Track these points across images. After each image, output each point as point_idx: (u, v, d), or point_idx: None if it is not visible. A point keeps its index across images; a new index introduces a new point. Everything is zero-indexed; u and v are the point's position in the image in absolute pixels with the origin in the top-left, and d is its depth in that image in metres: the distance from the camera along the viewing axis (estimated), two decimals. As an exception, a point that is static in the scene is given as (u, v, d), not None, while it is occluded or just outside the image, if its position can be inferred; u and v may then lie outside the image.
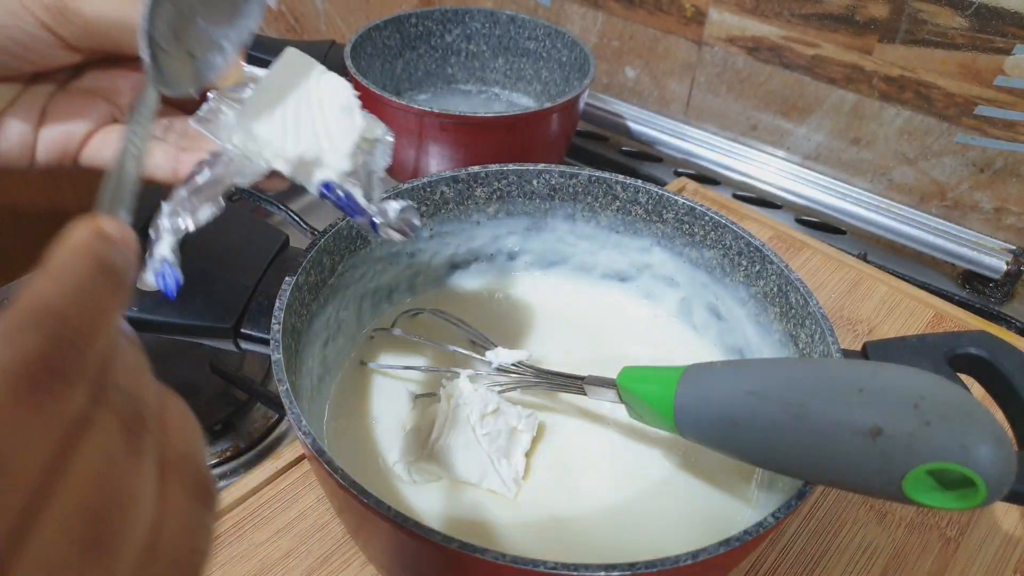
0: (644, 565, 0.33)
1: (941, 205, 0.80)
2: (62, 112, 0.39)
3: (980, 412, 0.32)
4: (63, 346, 0.19)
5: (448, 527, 0.44)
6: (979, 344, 0.41)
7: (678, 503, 0.46)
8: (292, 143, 0.38)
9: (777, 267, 0.49)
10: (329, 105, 0.39)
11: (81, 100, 0.40)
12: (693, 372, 0.41)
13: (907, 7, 0.72)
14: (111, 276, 0.21)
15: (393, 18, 0.84)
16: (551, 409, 0.51)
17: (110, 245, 0.22)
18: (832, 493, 0.54)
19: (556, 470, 0.48)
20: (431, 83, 0.91)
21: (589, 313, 0.58)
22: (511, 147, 0.73)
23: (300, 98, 0.39)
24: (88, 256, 0.21)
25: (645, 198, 0.55)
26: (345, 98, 0.40)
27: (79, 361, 0.19)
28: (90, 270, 0.20)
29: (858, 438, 0.33)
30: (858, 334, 0.66)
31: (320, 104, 0.39)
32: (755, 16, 0.82)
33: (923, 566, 0.50)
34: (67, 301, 0.19)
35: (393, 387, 0.52)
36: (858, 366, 0.36)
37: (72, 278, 0.20)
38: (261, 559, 0.47)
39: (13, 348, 0.18)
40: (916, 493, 0.33)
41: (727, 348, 0.55)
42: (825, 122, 0.83)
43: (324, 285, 0.49)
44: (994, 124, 0.73)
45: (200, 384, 0.61)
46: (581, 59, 0.81)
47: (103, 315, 0.20)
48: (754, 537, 0.35)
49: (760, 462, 0.41)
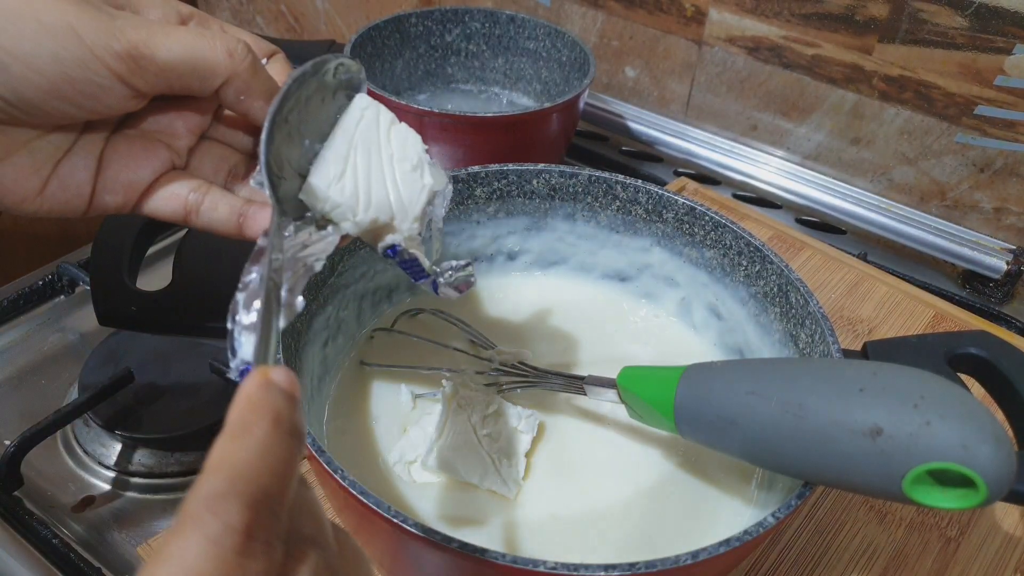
0: (644, 565, 0.33)
1: (941, 205, 0.80)
2: (123, 159, 0.37)
3: (980, 412, 0.32)
4: (262, 512, 0.21)
5: (448, 527, 0.44)
6: (979, 344, 0.41)
7: (678, 503, 0.46)
8: (363, 207, 0.37)
9: (777, 267, 0.49)
10: (400, 162, 0.38)
11: (141, 146, 0.37)
12: (693, 372, 0.41)
13: (907, 7, 0.72)
14: (290, 431, 0.23)
15: (393, 18, 0.84)
16: (551, 409, 0.51)
17: (283, 397, 0.24)
18: (832, 493, 0.54)
19: (556, 470, 0.48)
20: (431, 83, 0.91)
21: (589, 313, 0.58)
22: (511, 147, 0.73)
23: (371, 154, 0.38)
24: (267, 414, 0.23)
25: (645, 198, 0.55)
26: (416, 154, 0.39)
27: (276, 524, 0.21)
28: (271, 429, 0.23)
29: (858, 438, 0.33)
30: (858, 334, 0.66)
31: (391, 160, 0.38)
32: (755, 16, 0.82)
33: (923, 566, 0.50)
34: (258, 466, 0.22)
35: (393, 387, 0.52)
36: (858, 366, 0.36)
37: (257, 441, 0.22)
38: (261, 559, 0.47)
39: (218, 519, 0.20)
40: (916, 493, 0.33)
41: (727, 348, 0.55)
42: (825, 122, 0.83)
43: (324, 285, 0.49)
44: (994, 124, 0.73)
45: (200, 384, 0.61)
46: (581, 59, 0.81)
47: (289, 473, 0.23)
48: (754, 537, 0.35)
49: (760, 462, 0.41)
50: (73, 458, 0.59)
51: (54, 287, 0.71)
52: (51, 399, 0.62)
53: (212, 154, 0.40)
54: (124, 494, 0.57)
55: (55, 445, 0.59)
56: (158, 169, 0.38)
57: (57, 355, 0.67)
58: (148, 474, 0.57)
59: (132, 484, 0.57)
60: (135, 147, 0.37)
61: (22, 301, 0.70)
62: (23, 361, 0.66)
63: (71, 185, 0.36)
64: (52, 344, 0.68)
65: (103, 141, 0.36)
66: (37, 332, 0.69)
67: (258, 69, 0.35)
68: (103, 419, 0.58)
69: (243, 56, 0.34)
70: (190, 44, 0.33)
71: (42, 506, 0.55)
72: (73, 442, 0.59)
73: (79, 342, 0.68)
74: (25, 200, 0.35)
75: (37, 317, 0.70)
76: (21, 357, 0.66)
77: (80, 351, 0.66)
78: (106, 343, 0.64)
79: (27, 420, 0.57)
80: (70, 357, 0.66)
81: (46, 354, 0.67)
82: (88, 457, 0.58)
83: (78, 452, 0.59)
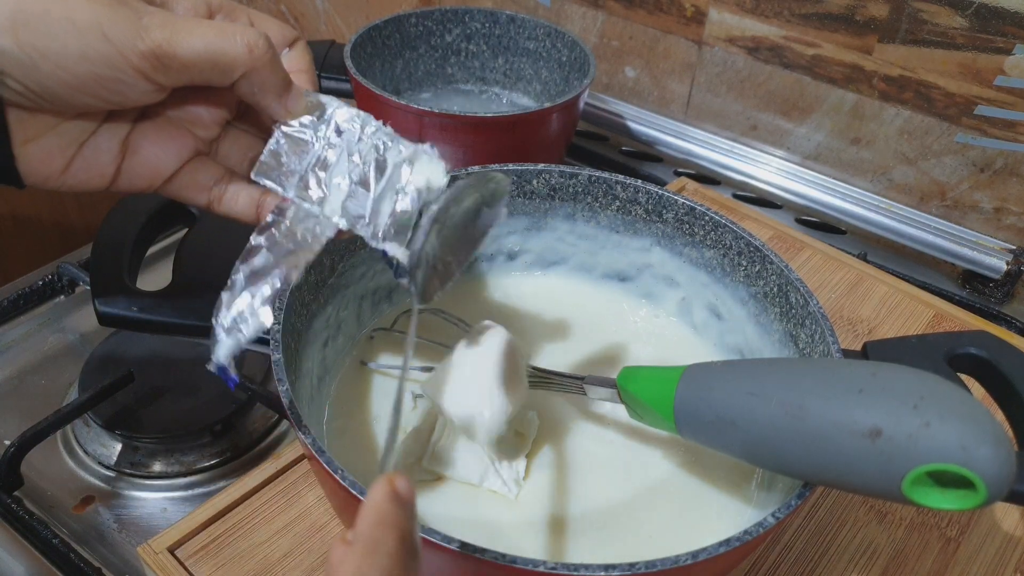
0: (644, 565, 0.33)
1: (941, 205, 0.80)
2: (149, 145, 0.38)
3: (980, 412, 0.32)
4: None
5: (448, 527, 0.44)
6: (979, 344, 0.41)
7: (678, 503, 0.46)
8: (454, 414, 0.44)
9: (777, 267, 0.49)
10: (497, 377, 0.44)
11: (167, 132, 0.39)
12: (693, 372, 0.41)
13: (907, 7, 0.72)
14: (411, 551, 0.26)
15: (393, 18, 0.84)
16: (551, 409, 0.51)
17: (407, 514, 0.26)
18: (832, 493, 0.54)
19: (556, 470, 0.48)
20: (431, 83, 0.91)
21: (589, 313, 0.58)
22: (511, 147, 0.73)
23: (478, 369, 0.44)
24: (395, 531, 0.26)
25: (645, 198, 0.55)
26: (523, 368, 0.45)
27: None
28: (398, 546, 0.26)
29: (858, 439, 0.33)
30: (858, 334, 0.66)
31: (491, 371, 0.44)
32: (755, 16, 0.82)
33: (923, 566, 0.50)
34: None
35: (393, 387, 0.52)
36: (858, 366, 0.36)
37: (387, 558, 0.25)
38: (261, 559, 0.47)
39: None
40: (916, 494, 0.33)
41: (727, 348, 0.55)
42: (825, 122, 0.83)
43: (324, 285, 0.49)
44: (994, 124, 0.73)
45: (200, 384, 0.61)
46: (581, 59, 0.81)
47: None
48: (754, 537, 0.35)
49: (760, 462, 0.41)
50: (73, 458, 0.59)
51: (54, 287, 0.71)
52: (51, 399, 0.62)
53: (239, 143, 0.41)
54: (124, 494, 0.57)
55: (55, 445, 0.59)
56: (184, 156, 0.39)
57: (57, 355, 0.67)
58: (148, 474, 0.57)
59: (132, 484, 0.57)
60: (162, 133, 0.38)
61: (22, 301, 0.70)
62: (23, 361, 0.66)
63: (95, 166, 0.37)
64: (52, 344, 0.68)
65: (129, 126, 0.38)
66: (37, 332, 0.69)
67: (276, 66, 0.36)
68: (103, 419, 0.58)
69: (263, 52, 0.35)
70: (211, 40, 0.34)
71: (42, 506, 0.55)
72: (73, 442, 0.59)
73: (79, 342, 0.68)
74: (49, 178, 0.37)
75: (37, 317, 0.70)
76: (21, 357, 0.66)
77: (80, 351, 0.66)
78: (106, 343, 0.64)
79: (27, 420, 0.57)
80: (70, 357, 0.66)
81: (46, 354, 0.67)
82: (88, 457, 0.58)
83: (78, 452, 0.59)
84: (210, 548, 0.47)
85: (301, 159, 0.38)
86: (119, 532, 0.54)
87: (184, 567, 0.46)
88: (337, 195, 0.38)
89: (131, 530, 0.54)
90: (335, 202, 0.38)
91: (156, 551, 0.46)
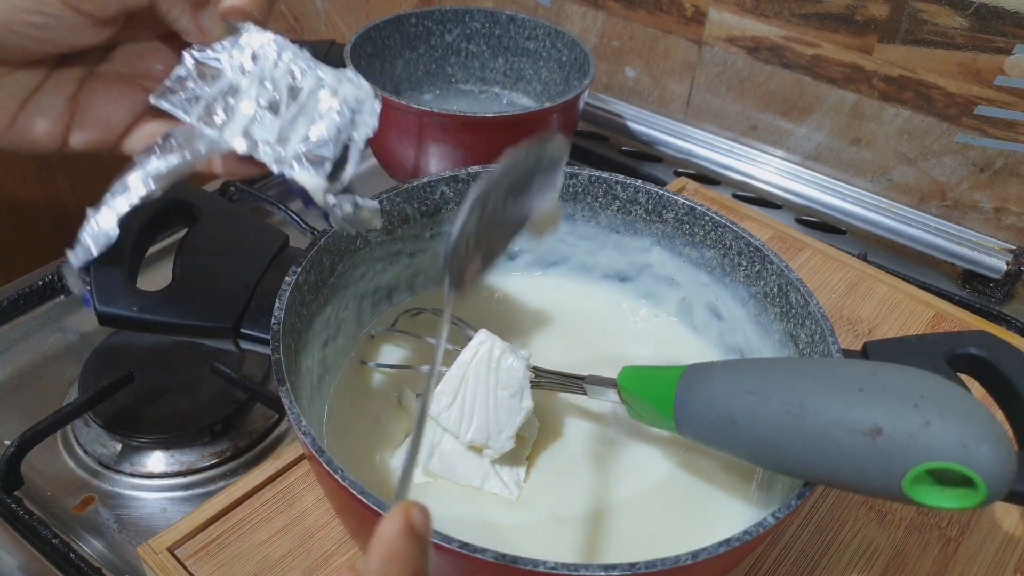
0: (644, 565, 0.33)
1: (941, 205, 0.80)
2: (99, 100, 0.38)
3: (980, 412, 0.32)
4: None
5: (449, 527, 0.44)
6: (979, 344, 0.41)
7: (678, 503, 0.46)
8: (464, 431, 0.45)
9: (777, 267, 0.49)
10: (503, 390, 0.45)
11: (118, 88, 0.38)
12: (693, 372, 0.41)
13: (907, 7, 0.72)
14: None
15: (393, 18, 0.84)
16: (551, 409, 0.51)
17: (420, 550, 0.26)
18: (832, 493, 0.54)
19: (557, 470, 0.48)
20: (431, 83, 0.91)
21: (589, 313, 0.58)
22: (511, 147, 0.73)
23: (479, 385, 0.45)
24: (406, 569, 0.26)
25: (645, 198, 0.55)
26: (517, 382, 0.45)
27: None
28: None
29: (858, 438, 0.33)
30: (858, 334, 0.66)
31: (495, 389, 0.45)
32: (755, 16, 0.82)
33: (923, 566, 0.50)
34: None
35: (393, 387, 0.52)
36: (858, 366, 0.36)
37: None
38: (261, 559, 0.47)
39: None
40: (916, 492, 0.33)
41: (727, 348, 0.55)
42: (825, 122, 0.83)
43: (324, 285, 0.49)
44: (994, 124, 0.73)
45: (200, 384, 0.61)
46: (581, 59, 0.81)
47: None
48: (754, 537, 0.35)
49: (760, 461, 0.41)
50: (73, 458, 0.59)
51: (54, 287, 0.71)
52: (51, 399, 0.62)
53: None
54: (124, 494, 0.57)
55: (55, 445, 0.59)
56: (136, 111, 0.39)
57: (57, 355, 0.67)
58: (148, 474, 0.57)
59: (132, 484, 0.57)
60: (112, 89, 0.38)
61: (22, 301, 0.70)
62: (23, 361, 0.66)
63: (41, 124, 0.37)
64: (52, 344, 0.68)
65: (77, 83, 0.37)
66: (37, 332, 0.69)
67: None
68: (103, 419, 0.58)
69: None
70: None
71: (42, 506, 0.55)
72: (73, 442, 0.59)
73: (79, 342, 0.68)
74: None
75: (37, 317, 0.70)
76: (21, 357, 0.66)
77: (80, 351, 0.66)
78: (106, 343, 0.64)
79: (27, 420, 0.57)
80: (70, 357, 0.66)
81: (46, 354, 0.67)
82: (88, 457, 0.58)
83: (78, 452, 0.59)
84: (210, 548, 0.47)
85: (211, 85, 0.37)
86: (119, 532, 0.54)
87: (184, 567, 0.46)
88: (240, 119, 0.37)
89: (131, 530, 0.54)
90: (237, 126, 0.37)
91: (156, 551, 0.46)
